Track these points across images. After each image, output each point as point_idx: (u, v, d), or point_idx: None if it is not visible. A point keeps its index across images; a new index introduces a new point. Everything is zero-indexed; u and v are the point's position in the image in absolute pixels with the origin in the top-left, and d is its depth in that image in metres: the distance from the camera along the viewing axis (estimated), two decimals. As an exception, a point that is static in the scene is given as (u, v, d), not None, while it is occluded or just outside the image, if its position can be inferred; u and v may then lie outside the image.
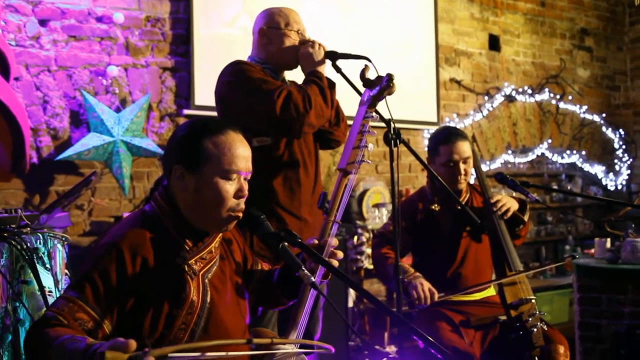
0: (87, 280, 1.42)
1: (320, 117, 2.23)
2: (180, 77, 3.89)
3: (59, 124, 3.54)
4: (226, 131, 1.55)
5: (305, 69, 2.34)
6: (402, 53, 4.79)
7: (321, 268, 1.64)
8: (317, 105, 2.19)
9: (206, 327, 1.50)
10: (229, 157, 1.52)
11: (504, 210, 2.71)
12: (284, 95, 2.16)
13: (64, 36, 3.56)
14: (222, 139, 1.53)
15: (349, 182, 1.83)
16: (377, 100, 2.04)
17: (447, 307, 2.70)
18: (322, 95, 2.22)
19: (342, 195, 1.81)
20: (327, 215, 1.76)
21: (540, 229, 5.85)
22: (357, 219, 4.40)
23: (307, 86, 2.23)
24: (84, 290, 1.40)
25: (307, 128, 2.21)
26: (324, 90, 2.23)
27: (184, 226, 1.53)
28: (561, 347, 2.53)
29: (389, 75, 2.07)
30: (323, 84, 2.24)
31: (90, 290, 1.40)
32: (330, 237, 1.70)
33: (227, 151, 1.52)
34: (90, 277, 1.42)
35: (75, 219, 3.62)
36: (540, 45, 5.82)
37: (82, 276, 1.44)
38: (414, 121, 4.78)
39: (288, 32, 2.36)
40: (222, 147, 1.52)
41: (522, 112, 5.61)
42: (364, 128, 1.90)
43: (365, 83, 2.16)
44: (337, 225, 1.75)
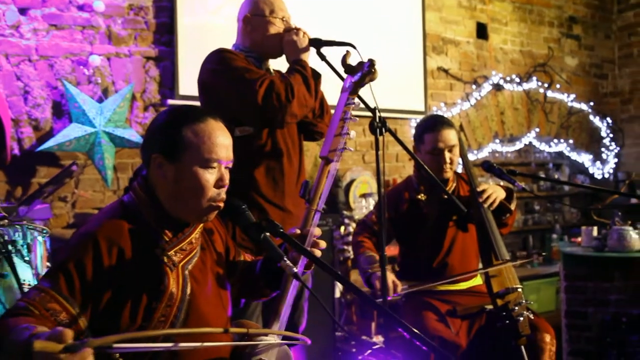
0: (60, 271, 1.38)
1: (303, 107, 2.20)
2: (164, 66, 3.83)
3: (41, 115, 3.48)
4: (206, 119, 1.51)
5: (289, 57, 2.30)
6: (389, 41, 4.76)
7: (303, 258, 1.62)
8: (300, 95, 2.16)
9: (186, 319, 1.47)
10: (208, 145, 1.48)
11: (490, 202, 2.69)
12: (266, 84, 2.12)
13: (45, 25, 3.49)
14: (202, 127, 1.49)
15: (331, 169, 1.80)
16: (359, 86, 2.01)
17: (434, 297, 2.69)
18: (306, 85, 2.19)
19: (324, 184, 1.78)
20: (309, 204, 1.73)
21: (527, 218, 5.86)
22: (344, 209, 4.37)
23: (290, 75, 2.19)
24: (58, 281, 1.37)
25: (289, 118, 2.18)
26: (307, 79, 2.20)
27: (164, 217, 1.50)
28: (547, 335, 2.53)
29: (370, 61, 2.04)
30: (307, 73, 2.21)
31: (64, 280, 1.37)
32: (313, 227, 1.68)
33: (207, 139, 1.49)
34: (64, 267, 1.38)
35: (59, 211, 3.57)
36: (528, 34, 5.80)
37: (56, 266, 1.40)
38: (401, 110, 4.75)
39: (272, 20, 2.33)
40: (201, 135, 1.48)
41: (510, 100, 5.60)
42: (346, 115, 1.87)
43: (347, 69, 2.13)
44: (319, 214, 1.73)
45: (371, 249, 2.69)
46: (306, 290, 2.52)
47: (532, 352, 2.48)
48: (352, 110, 1.97)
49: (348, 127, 1.85)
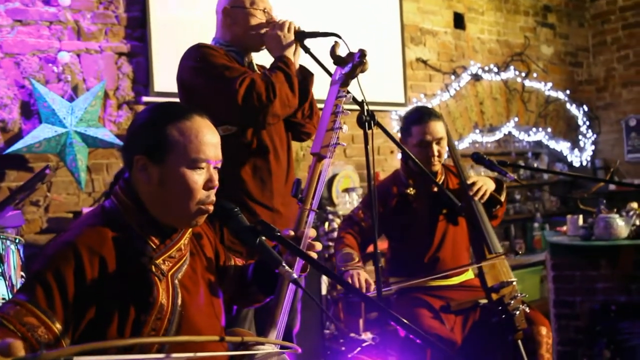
0: (37, 281, 1.26)
1: (286, 107, 2.09)
2: (137, 62, 3.69)
3: (8, 116, 3.31)
4: (192, 116, 1.40)
5: (272, 52, 2.19)
6: (367, 33, 4.67)
7: (299, 261, 1.52)
8: (283, 95, 2.05)
9: (178, 332, 1.36)
10: (196, 144, 1.37)
11: (480, 194, 2.63)
12: (247, 83, 2.01)
13: (9, 20, 3.32)
14: (188, 124, 1.38)
15: (323, 166, 1.70)
16: (350, 78, 1.92)
17: (426, 293, 2.63)
18: (289, 84, 2.08)
19: (317, 182, 1.68)
20: (303, 204, 1.64)
21: (508, 208, 5.85)
22: (327, 205, 4.29)
23: (273, 73, 2.08)
24: (35, 292, 1.25)
25: (271, 118, 2.07)
26: (290, 78, 2.09)
27: (149, 222, 1.39)
28: (543, 328, 2.49)
29: (361, 51, 1.94)
30: (290, 71, 2.10)
31: (42, 292, 1.25)
32: (307, 227, 1.58)
33: (194, 138, 1.38)
34: (41, 277, 1.26)
35: (31, 216, 3.41)
36: (505, 23, 5.78)
37: (33, 277, 1.28)
38: (381, 102, 4.68)
39: (253, 11, 2.21)
40: (188, 134, 1.37)
41: (489, 90, 5.57)
42: (338, 109, 1.78)
43: (336, 60, 2.03)
44: (313, 214, 1.63)
45: (351, 246, 2.62)
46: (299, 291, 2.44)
47: (528, 345, 2.44)
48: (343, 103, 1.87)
49: (340, 121, 1.75)
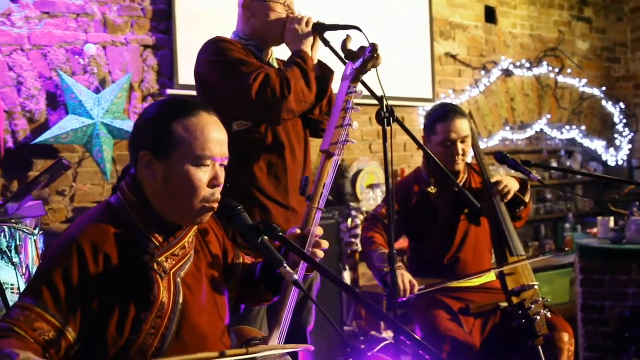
0: (44, 283, 1.27)
1: (301, 103, 2.05)
2: (162, 55, 3.70)
3: (35, 107, 3.36)
4: (198, 112, 1.38)
5: (290, 46, 2.16)
6: (395, 27, 4.59)
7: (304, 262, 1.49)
8: (298, 90, 2.02)
9: (178, 331, 1.35)
10: (201, 141, 1.35)
11: (505, 192, 2.56)
12: (261, 79, 1.98)
13: (37, 13, 3.36)
14: (194, 121, 1.36)
15: (332, 164, 1.66)
16: (361, 73, 1.87)
17: (446, 294, 2.57)
18: (305, 79, 2.04)
19: (325, 180, 1.65)
20: (310, 202, 1.60)
21: (539, 207, 5.72)
22: (351, 201, 4.25)
23: (289, 69, 2.05)
24: (42, 296, 1.25)
25: (286, 114, 2.04)
26: (306, 73, 2.05)
27: (153, 219, 1.38)
28: (565, 334, 2.41)
29: (372, 46, 1.90)
30: (306, 66, 2.06)
31: (49, 294, 1.25)
32: (314, 226, 1.55)
33: (200, 135, 1.35)
34: (48, 279, 1.27)
35: (57, 205, 3.46)
36: (538, 17, 5.62)
37: (39, 279, 1.29)
38: (408, 98, 4.61)
39: (273, 5, 2.19)
40: (193, 130, 1.35)
41: (520, 86, 5.44)
42: (348, 105, 1.73)
43: (348, 55, 1.99)
44: (320, 213, 1.60)
45: (383, 245, 2.56)
46: (315, 289, 2.41)
47: (549, 352, 2.36)
48: (355, 98, 1.82)
49: (350, 118, 1.71)
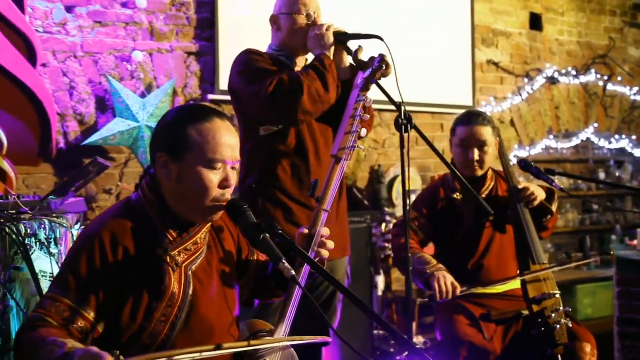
0: (70, 274, 1.40)
1: (317, 103, 2.14)
2: (205, 61, 3.86)
3: (86, 110, 3.57)
4: (212, 118, 1.48)
5: (313, 52, 2.27)
6: (436, 34, 4.62)
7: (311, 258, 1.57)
8: (312, 91, 2.10)
9: (187, 320, 1.45)
10: (213, 145, 1.45)
11: (530, 199, 2.56)
12: (274, 83, 2.10)
13: (90, 22, 3.58)
14: (207, 126, 1.46)
15: (340, 168, 1.74)
16: (370, 82, 1.95)
17: (468, 300, 2.58)
18: (322, 80, 2.13)
19: (334, 183, 1.73)
20: (319, 204, 1.68)
21: (584, 218, 5.59)
22: (386, 206, 4.29)
23: (304, 72, 2.15)
24: (69, 286, 1.38)
25: (302, 115, 2.13)
26: (323, 75, 2.14)
27: (169, 216, 1.49)
28: (588, 345, 2.38)
29: (380, 56, 1.97)
30: (323, 68, 2.15)
31: (74, 283, 1.38)
32: (320, 227, 1.63)
33: (212, 139, 1.45)
34: (73, 270, 1.40)
35: (104, 203, 3.66)
36: (587, 24, 5.52)
37: (66, 270, 1.42)
38: (447, 105, 4.62)
39: (296, 17, 2.30)
40: (206, 135, 1.45)
41: (566, 94, 5.35)
42: (356, 113, 1.81)
43: (358, 65, 2.08)
44: (327, 214, 1.68)
45: (418, 248, 2.60)
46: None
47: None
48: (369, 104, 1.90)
49: (359, 125, 1.79)
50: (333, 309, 2.46)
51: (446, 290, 2.37)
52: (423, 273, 2.45)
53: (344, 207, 2.44)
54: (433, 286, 2.39)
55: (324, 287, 2.38)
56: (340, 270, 2.41)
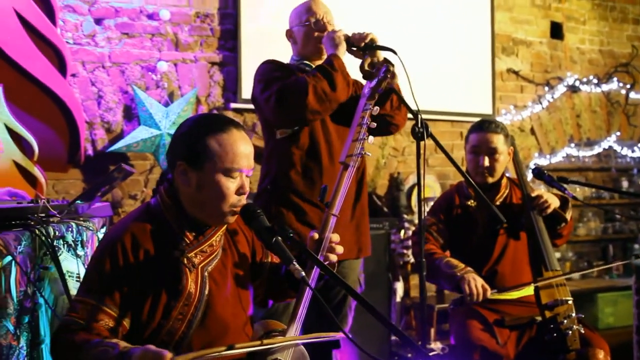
0: (94, 278, 1.49)
1: (324, 102, 2.21)
2: (228, 71, 3.97)
3: (113, 118, 3.70)
4: (229, 129, 1.56)
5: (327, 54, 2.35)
6: (456, 43, 4.67)
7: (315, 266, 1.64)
8: (318, 90, 2.18)
9: (203, 319, 1.53)
10: (231, 155, 1.53)
11: (544, 206, 2.59)
12: (279, 86, 2.20)
13: (118, 34, 3.71)
14: (225, 137, 1.54)
15: (348, 174, 1.81)
16: (376, 92, 2.02)
17: (482, 306, 2.62)
18: (328, 80, 2.20)
19: (342, 189, 1.80)
20: (328, 209, 1.75)
21: (607, 227, 5.56)
22: (405, 213, 4.34)
23: (312, 73, 2.24)
24: (92, 286, 1.48)
25: (310, 115, 2.22)
26: (330, 74, 2.21)
27: (186, 220, 1.57)
28: (601, 351, 2.40)
29: (386, 66, 2.04)
30: (331, 69, 2.23)
31: (98, 285, 1.48)
32: (329, 231, 1.69)
33: (230, 149, 1.53)
34: (97, 273, 1.49)
35: (129, 208, 3.78)
36: (609, 32, 5.50)
37: (90, 274, 1.52)
38: (467, 113, 4.65)
39: (306, 26, 2.39)
40: (225, 145, 1.53)
41: (587, 103, 5.34)
42: (363, 121, 1.88)
43: (365, 75, 2.16)
44: (335, 219, 1.74)
45: (442, 253, 2.64)
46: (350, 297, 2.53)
47: (583, 367, 2.37)
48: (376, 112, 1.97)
49: (366, 133, 1.86)
50: (343, 314, 2.50)
51: (477, 293, 2.41)
52: (453, 276, 2.48)
53: (363, 209, 2.49)
54: (464, 289, 2.43)
55: (334, 293, 2.43)
56: (353, 271, 2.46)
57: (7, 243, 1.57)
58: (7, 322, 1.56)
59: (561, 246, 4.69)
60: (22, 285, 1.64)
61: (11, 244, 1.58)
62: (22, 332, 1.63)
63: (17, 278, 1.62)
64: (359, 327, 2.64)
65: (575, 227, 5.33)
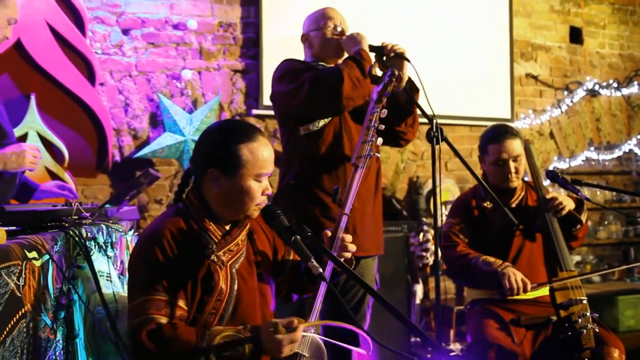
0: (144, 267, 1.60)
1: (357, 89, 2.29)
2: (250, 78, 4.08)
3: (139, 125, 3.83)
4: (257, 137, 1.68)
5: (349, 52, 2.43)
6: (474, 48, 4.73)
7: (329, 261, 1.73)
8: (353, 77, 2.26)
9: (234, 312, 1.64)
10: (261, 162, 1.66)
11: (559, 208, 2.64)
12: (312, 74, 2.29)
13: (144, 43, 3.85)
14: (255, 145, 1.66)
15: (358, 175, 1.90)
16: (382, 95, 2.09)
17: (498, 305, 2.67)
18: (359, 68, 2.29)
19: (354, 189, 1.89)
20: (341, 209, 1.85)
21: (628, 230, 5.54)
22: (424, 216, 4.39)
23: (343, 63, 2.33)
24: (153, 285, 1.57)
25: (345, 101, 2.28)
26: (360, 63, 2.30)
27: (213, 220, 1.68)
28: (616, 350, 2.44)
29: (391, 71, 2.13)
30: (361, 58, 2.32)
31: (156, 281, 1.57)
32: (340, 231, 1.78)
33: (260, 156, 1.66)
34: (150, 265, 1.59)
35: (154, 212, 3.90)
36: (630, 36, 5.50)
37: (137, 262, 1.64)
38: (485, 118, 4.69)
39: (325, 30, 2.50)
40: (255, 153, 1.65)
41: (607, 106, 5.34)
42: (372, 123, 1.97)
43: (372, 80, 2.24)
44: (346, 218, 1.84)
45: (475, 252, 2.67)
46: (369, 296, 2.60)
47: (598, 366, 2.41)
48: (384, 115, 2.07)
49: (374, 135, 1.95)
50: (362, 314, 2.57)
51: (517, 287, 2.47)
52: (494, 273, 2.53)
53: (378, 208, 2.57)
54: (504, 284, 2.48)
55: (353, 293, 2.51)
56: (370, 271, 2.54)
57: (44, 243, 1.68)
58: (45, 316, 1.66)
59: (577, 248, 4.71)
60: (58, 283, 1.74)
61: (49, 244, 1.69)
62: (59, 327, 1.73)
63: (53, 276, 1.73)
64: (378, 329, 2.70)
65: (596, 231, 5.33)
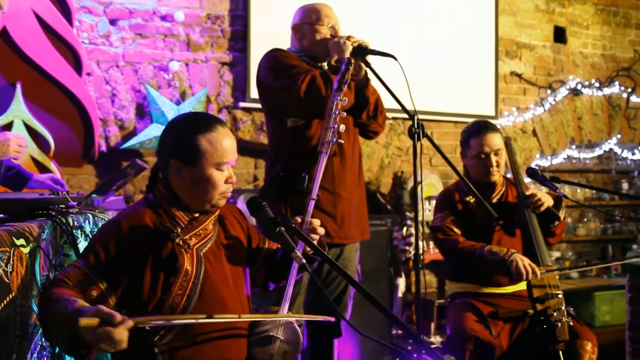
0: (91, 251, 1.66)
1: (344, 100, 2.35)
2: (237, 71, 4.10)
3: (126, 116, 3.84)
4: (216, 127, 1.74)
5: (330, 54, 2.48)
6: (459, 46, 4.79)
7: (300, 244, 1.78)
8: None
9: (201, 293, 1.69)
10: (220, 151, 1.72)
11: (537, 205, 2.71)
12: (308, 79, 2.34)
13: (131, 34, 3.86)
14: (214, 135, 1.72)
15: (321, 160, 1.98)
16: (342, 84, 2.14)
17: (478, 299, 2.74)
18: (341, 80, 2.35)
19: (318, 175, 1.99)
20: (309, 194, 1.92)
21: (607, 227, 5.66)
22: (408, 211, 4.46)
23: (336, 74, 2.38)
24: (88, 258, 1.64)
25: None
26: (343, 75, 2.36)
27: (181, 207, 1.75)
28: (588, 343, 2.52)
29: (348, 59, 2.19)
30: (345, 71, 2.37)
31: (94, 259, 1.64)
32: (308, 215, 1.85)
33: (219, 146, 1.72)
34: (94, 248, 1.66)
35: (140, 203, 3.92)
36: (612, 37, 5.60)
37: (88, 247, 1.69)
38: (470, 115, 4.76)
39: (319, 27, 2.53)
40: (214, 143, 1.71)
41: (589, 105, 5.44)
42: (332, 111, 2.04)
43: (332, 70, 2.33)
44: (313, 202, 1.92)
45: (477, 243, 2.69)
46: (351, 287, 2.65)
47: (571, 358, 2.49)
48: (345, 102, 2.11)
49: (337, 122, 2.01)
50: (343, 305, 2.64)
51: (526, 272, 2.52)
52: (502, 261, 2.57)
53: (362, 195, 2.67)
54: (513, 270, 2.53)
55: (336, 284, 2.57)
56: (351, 262, 2.61)
57: (32, 230, 1.70)
58: (32, 303, 1.69)
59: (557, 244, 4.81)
60: (45, 270, 1.77)
61: (36, 232, 1.72)
62: (45, 313, 1.76)
63: (41, 263, 1.76)
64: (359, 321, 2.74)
65: (575, 227, 5.43)
